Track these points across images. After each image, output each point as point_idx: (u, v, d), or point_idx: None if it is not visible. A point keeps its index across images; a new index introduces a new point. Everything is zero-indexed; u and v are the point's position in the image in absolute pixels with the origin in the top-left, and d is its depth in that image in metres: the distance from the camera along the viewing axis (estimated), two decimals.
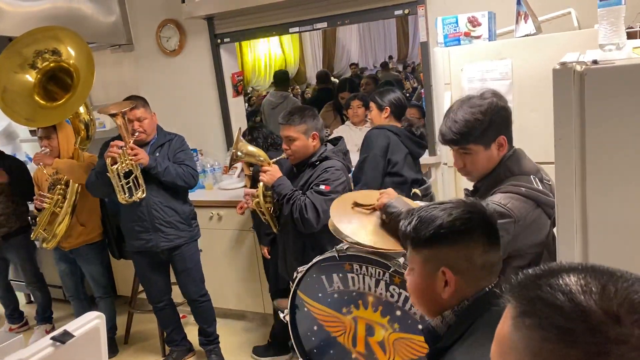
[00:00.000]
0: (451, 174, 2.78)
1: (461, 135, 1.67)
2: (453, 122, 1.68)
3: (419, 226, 1.21)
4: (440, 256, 1.18)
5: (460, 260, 1.17)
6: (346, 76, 9.72)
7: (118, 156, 2.80)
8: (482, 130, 1.65)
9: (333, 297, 2.19)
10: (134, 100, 2.94)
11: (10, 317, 4.08)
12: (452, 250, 1.17)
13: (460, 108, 1.69)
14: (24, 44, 3.09)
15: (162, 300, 3.28)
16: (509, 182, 1.67)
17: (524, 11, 2.55)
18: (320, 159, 2.52)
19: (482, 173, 1.75)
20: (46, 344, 1.76)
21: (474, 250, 1.17)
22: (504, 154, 1.72)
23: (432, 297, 1.20)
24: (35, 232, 3.27)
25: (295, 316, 2.35)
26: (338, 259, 2.12)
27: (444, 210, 1.20)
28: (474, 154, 1.70)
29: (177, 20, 4.06)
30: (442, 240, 1.18)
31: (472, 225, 1.18)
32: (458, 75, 2.62)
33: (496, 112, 1.67)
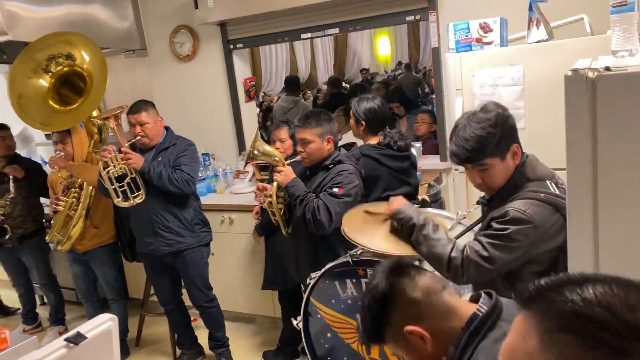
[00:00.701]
0: (462, 180, 2.78)
1: (475, 152, 1.65)
2: (464, 140, 1.66)
3: (366, 331, 1.26)
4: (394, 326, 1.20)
5: (407, 312, 1.19)
6: (357, 81, 9.74)
7: (109, 160, 2.83)
8: (496, 142, 1.64)
9: (347, 303, 2.19)
10: (140, 104, 2.96)
11: (25, 317, 4.13)
12: (395, 314, 1.20)
13: (468, 125, 1.67)
14: (37, 49, 3.14)
15: (171, 303, 3.30)
16: (526, 189, 1.67)
17: (535, 17, 2.55)
18: (334, 163, 2.53)
19: (500, 184, 1.73)
20: (60, 345, 1.78)
21: (406, 294, 1.20)
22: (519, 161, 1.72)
23: (422, 356, 1.20)
24: (50, 234, 3.31)
25: (308, 323, 2.34)
26: (352, 264, 2.11)
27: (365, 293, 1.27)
28: (490, 168, 1.68)
29: (191, 26, 4.10)
30: (382, 317, 1.21)
31: (387, 282, 1.23)
32: (469, 80, 2.62)
33: (505, 121, 1.66)
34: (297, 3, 3.49)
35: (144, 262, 3.27)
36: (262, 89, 9.46)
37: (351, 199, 2.44)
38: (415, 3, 3.39)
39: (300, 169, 2.69)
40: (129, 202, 2.90)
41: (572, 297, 0.63)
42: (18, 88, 3.12)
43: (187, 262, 3.09)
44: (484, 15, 2.68)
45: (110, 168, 2.84)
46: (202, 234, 3.14)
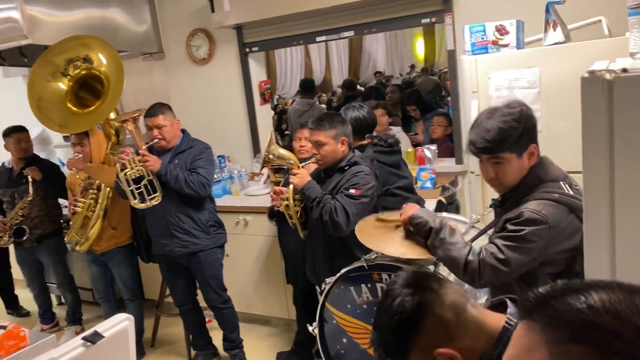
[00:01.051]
0: (478, 183, 2.77)
1: (495, 143, 1.64)
2: (485, 130, 1.65)
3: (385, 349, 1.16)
4: (422, 347, 1.11)
5: (437, 334, 1.10)
6: (372, 84, 9.73)
7: (127, 162, 2.87)
8: (516, 137, 1.64)
9: (362, 307, 2.18)
10: (157, 107, 3.00)
11: (42, 317, 4.19)
12: (424, 334, 1.11)
13: (492, 117, 1.66)
14: (56, 52, 3.19)
15: (186, 304, 3.33)
16: (540, 190, 1.66)
17: (552, 19, 2.53)
18: (350, 164, 2.53)
19: (513, 183, 1.72)
20: (77, 344, 1.81)
21: (435, 315, 1.11)
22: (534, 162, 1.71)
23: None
24: (68, 235, 3.35)
25: (324, 329, 2.33)
26: (367, 268, 2.11)
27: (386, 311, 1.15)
28: (506, 163, 1.67)
29: (207, 30, 4.14)
30: (411, 337, 1.12)
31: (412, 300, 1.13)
32: (485, 83, 2.62)
33: (527, 119, 1.66)
34: (312, 6, 3.50)
35: (159, 264, 3.31)
36: (276, 92, 9.49)
37: (368, 200, 2.45)
38: (430, 5, 3.38)
39: (315, 171, 2.70)
40: (145, 203, 2.93)
41: (578, 305, 0.61)
42: (37, 91, 3.18)
43: (202, 263, 3.11)
44: (500, 17, 2.67)
45: (128, 170, 2.88)
46: (217, 236, 3.17)
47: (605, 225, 1.26)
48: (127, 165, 2.87)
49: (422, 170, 3.47)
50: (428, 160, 3.64)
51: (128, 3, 4.02)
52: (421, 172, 3.45)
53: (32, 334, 2.07)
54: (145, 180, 2.92)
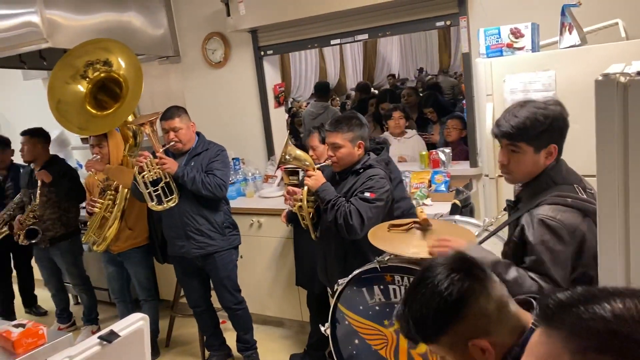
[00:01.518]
0: (492, 186, 2.76)
1: (517, 130, 1.67)
2: (513, 116, 1.68)
3: (418, 325, 1.13)
4: (458, 335, 1.09)
5: (477, 323, 1.09)
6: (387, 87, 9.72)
7: (145, 165, 2.90)
8: (539, 132, 1.65)
9: (374, 309, 2.18)
10: (173, 110, 3.03)
11: (59, 316, 4.26)
12: (463, 322, 1.09)
13: (525, 106, 1.69)
14: (76, 55, 3.25)
15: (200, 305, 3.35)
16: (553, 193, 1.66)
17: (568, 22, 2.52)
18: (364, 167, 2.53)
19: (522, 177, 1.75)
20: (93, 343, 1.83)
21: (480, 303, 1.10)
22: (549, 163, 1.71)
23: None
24: (86, 235, 3.40)
25: (336, 330, 2.33)
26: (379, 270, 2.11)
27: (428, 290, 1.12)
28: (521, 153, 1.69)
29: (223, 33, 4.18)
30: (448, 323, 1.10)
31: (460, 286, 1.11)
32: (500, 86, 2.61)
33: (557, 119, 1.67)
34: (327, 9, 3.51)
35: (174, 265, 3.34)
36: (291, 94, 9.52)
37: (383, 204, 2.44)
38: (445, 8, 3.38)
39: (329, 173, 2.70)
40: (162, 205, 2.97)
41: (602, 314, 0.60)
42: (57, 93, 3.23)
43: (217, 264, 3.14)
44: (514, 20, 2.66)
45: (146, 173, 2.92)
46: (231, 237, 3.19)
47: (619, 229, 1.26)
48: (144, 168, 2.91)
49: (436, 173, 3.46)
50: (442, 163, 3.63)
51: (145, 7, 4.07)
52: (435, 175, 3.44)
53: (49, 332, 2.10)
54: (163, 182, 2.95)
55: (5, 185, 4.17)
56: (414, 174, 3.53)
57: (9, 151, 4.20)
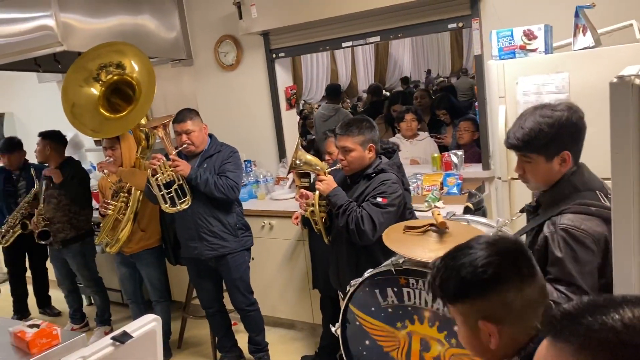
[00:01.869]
0: (505, 189, 2.74)
1: (523, 142, 1.66)
2: (519, 127, 1.67)
3: (444, 281, 1.15)
4: (474, 309, 1.11)
5: (495, 308, 1.09)
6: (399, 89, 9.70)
7: (158, 167, 2.93)
8: (545, 142, 1.63)
9: (387, 311, 2.17)
10: (185, 113, 3.05)
11: (73, 317, 4.30)
12: (484, 301, 1.10)
13: (531, 115, 1.67)
14: (89, 58, 3.27)
15: (212, 306, 3.37)
16: (575, 201, 1.64)
17: (582, 24, 2.50)
18: (376, 171, 2.51)
19: (540, 184, 1.73)
20: (107, 343, 1.85)
21: (507, 294, 1.08)
22: (568, 169, 1.68)
23: (482, 348, 1.13)
24: (99, 237, 3.43)
25: (346, 330, 2.33)
26: (394, 272, 2.09)
27: (466, 258, 1.13)
28: (534, 163, 1.68)
29: (235, 36, 4.20)
30: (470, 293, 1.11)
31: (497, 269, 1.10)
32: (513, 88, 2.59)
33: (564, 126, 1.63)
34: (338, 12, 3.52)
35: (188, 267, 3.36)
36: (302, 97, 9.54)
37: (395, 209, 2.42)
38: (457, 10, 3.37)
39: (341, 177, 2.68)
40: (176, 207, 2.99)
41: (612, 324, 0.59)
42: (71, 96, 3.26)
43: (229, 266, 3.15)
44: (527, 22, 2.65)
45: (159, 175, 2.94)
46: (244, 239, 3.20)
47: (634, 232, 1.24)
48: (158, 170, 2.93)
49: (449, 175, 3.45)
50: (454, 166, 3.62)
51: (158, 10, 4.10)
52: (447, 178, 3.43)
53: (63, 333, 2.12)
54: (176, 184, 2.97)
55: (18, 184, 4.23)
56: (425, 176, 3.52)
57: (21, 152, 4.25)
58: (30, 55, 3.54)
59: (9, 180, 4.27)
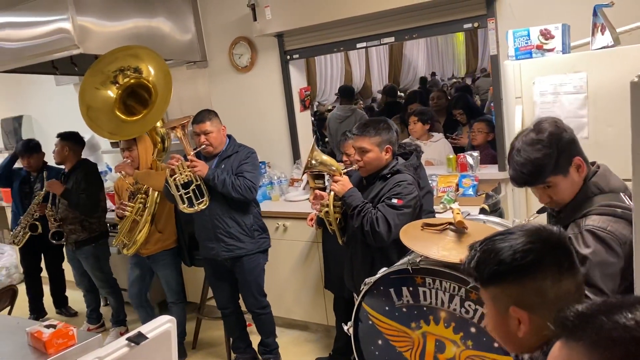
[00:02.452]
0: (522, 190, 2.71)
1: (533, 175, 1.64)
2: (520, 165, 1.65)
3: (480, 263, 1.13)
4: (507, 294, 1.10)
5: (529, 296, 1.08)
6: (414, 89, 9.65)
7: (176, 168, 2.95)
8: (554, 162, 1.62)
9: (401, 311, 2.15)
10: (204, 114, 3.07)
11: (89, 317, 4.34)
12: (519, 287, 1.08)
13: (522, 149, 1.66)
14: (106, 62, 3.30)
15: (228, 307, 3.37)
16: (600, 203, 1.61)
17: (600, 23, 2.46)
18: (392, 172, 2.50)
19: (568, 199, 1.70)
20: (122, 344, 1.86)
21: (543, 283, 1.07)
22: (587, 172, 1.66)
23: (509, 335, 1.12)
24: (116, 238, 3.43)
25: (358, 329, 2.32)
26: (411, 272, 2.07)
27: (506, 242, 1.11)
28: (554, 185, 1.66)
29: (249, 38, 4.21)
30: (506, 277, 1.10)
31: (537, 257, 1.08)
32: (529, 88, 2.56)
33: (559, 140, 1.63)
34: (353, 13, 3.51)
35: (205, 267, 3.37)
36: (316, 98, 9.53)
37: (410, 210, 2.41)
38: (473, 10, 3.34)
39: (357, 178, 2.67)
40: (194, 208, 3.00)
41: (624, 322, 0.59)
42: (87, 99, 3.29)
43: (244, 267, 3.16)
44: (544, 21, 2.61)
45: (177, 175, 2.96)
46: (260, 240, 3.20)
47: None
48: (176, 170, 2.96)
49: (464, 177, 3.42)
50: (470, 167, 3.59)
51: (173, 13, 4.13)
52: (463, 179, 3.40)
53: (79, 333, 2.14)
54: (194, 185, 2.99)
55: (34, 186, 4.28)
56: (441, 177, 3.49)
57: (40, 154, 4.30)
58: (48, 58, 3.59)
59: (26, 182, 4.33)
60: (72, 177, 3.91)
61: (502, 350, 1.90)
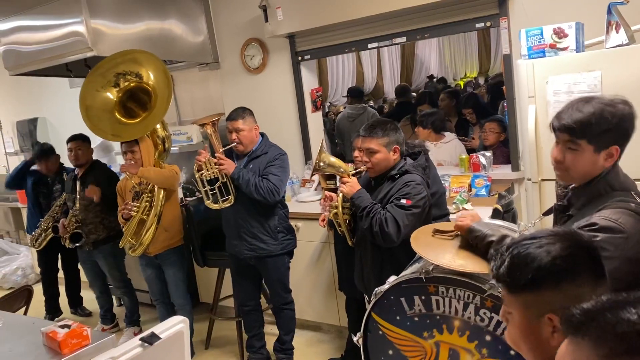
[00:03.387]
0: (535, 190, 2.68)
1: (580, 125, 1.54)
2: (577, 110, 1.56)
3: (514, 268, 1.07)
4: (543, 301, 1.04)
5: (568, 303, 1.01)
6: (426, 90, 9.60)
7: (203, 164, 2.98)
8: (603, 130, 1.54)
9: (413, 320, 2.10)
10: (238, 112, 3.09)
11: (103, 317, 4.37)
12: (557, 293, 1.03)
13: (591, 102, 1.57)
14: (107, 67, 3.33)
15: (248, 304, 3.38)
16: (614, 199, 1.56)
17: (615, 20, 2.43)
18: (400, 173, 2.49)
19: (578, 177, 1.63)
20: (135, 344, 1.86)
21: (582, 289, 1.03)
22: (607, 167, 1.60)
23: (538, 344, 1.07)
24: (123, 240, 3.44)
25: (367, 340, 2.27)
26: (424, 280, 2.03)
27: (541, 248, 1.06)
28: (580, 151, 1.57)
29: (261, 39, 4.22)
30: (544, 284, 1.04)
31: (576, 262, 1.04)
32: (543, 87, 2.54)
33: (625, 119, 1.55)
34: (364, 13, 3.50)
35: (230, 262, 3.37)
36: (328, 99, 9.53)
37: (419, 211, 2.40)
38: (485, 10, 3.32)
39: (365, 179, 2.67)
40: (218, 204, 3.04)
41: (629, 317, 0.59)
42: (88, 103, 3.32)
43: (268, 267, 3.18)
44: (557, 20, 2.59)
45: (204, 171, 3.00)
46: (284, 242, 3.19)
47: None
48: (203, 167, 2.99)
49: (477, 177, 3.40)
50: (483, 167, 3.56)
51: (185, 15, 4.16)
52: (476, 179, 3.38)
53: (93, 333, 2.15)
54: (219, 182, 3.02)
55: (54, 187, 4.33)
56: (453, 177, 3.47)
57: (56, 157, 4.36)
58: (62, 61, 3.64)
59: (43, 183, 4.37)
60: (88, 177, 3.93)
61: (518, 358, 1.86)
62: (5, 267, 5.68)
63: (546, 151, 2.49)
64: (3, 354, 2.10)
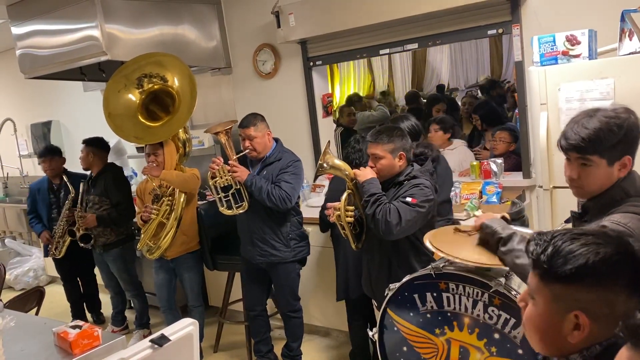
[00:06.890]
0: (547, 198, 2.67)
1: (589, 142, 1.54)
2: (582, 127, 1.56)
3: (555, 258, 1.04)
4: (575, 297, 1.02)
5: (600, 305, 1.01)
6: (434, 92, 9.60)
7: (217, 171, 3.00)
8: (613, 144, 1.54)
9: (425, 317, 2.14)
10: (249, 119, 3.09)
11: (114, 318, 4.39)
12: (592, 294, 1.01)
13: (595, 116, 1.57)
14: (131, 69, 3.36)
15: (255, 309, 3.38)
16: (627, 203, 1.56)
17: (628, 28, 2.43)
18: (408, 179, 2.49)
19: (593, 190, 1.62)
20: (145, 346, 1.87)
21: (618, 297, 1.00)
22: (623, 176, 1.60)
23: (554, 337, 1.06)
24: (141, 242, 3.45)
25: (384, 336, 2.30)
26: (434, 277, 2.06)
27: (588, 246, 1.03)
28: (593, 167, 1.57)
29: (273, 45, 4.25)
30: (582, 282, 1.02)
31: (621, 270, 1.01)
32: (555, 95, 2.53)
33: (632, 129, 1.55)
34: (376, 20, 3.51)
35: (242, 265, 3.38)
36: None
37: (424, 210, 2.38)
38: (497, 16, 3.32)
39: None
40: (232, 211, 3.06)
41: None
42: (111, 104, 3.34)
43: (279, 273, 3.19)
44: (569, 27, 2.58)
45: (217, 179, 3.03)
46: (297, 249, 3.19)
47: None
48: (216, 174, 3.01)
49: (488, 184, 3.38)
50: (494, 174, 3.55)
51: (199, 20, 4.19)
52: (486, 186, 3.36)
53: (104, 334, 2.17)
54: (233, 189, 3.04)
55: (60, 194, 4.32)
56: (464, 184, 3.46)
57: (60, 158, 4.35)
58: (76, 65, 3.68)
59: (52, 190, 4.37)
60: (99, 182, 3.98)
61: (526, 357, 1.87)
62: (18, 268, 5.74)
63: (558, 159, 2.48)
64: (15, 354, 2.12)
